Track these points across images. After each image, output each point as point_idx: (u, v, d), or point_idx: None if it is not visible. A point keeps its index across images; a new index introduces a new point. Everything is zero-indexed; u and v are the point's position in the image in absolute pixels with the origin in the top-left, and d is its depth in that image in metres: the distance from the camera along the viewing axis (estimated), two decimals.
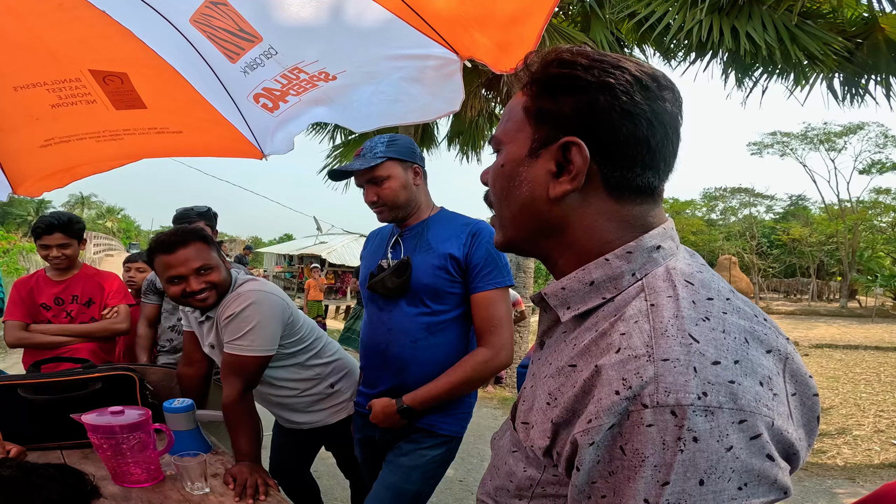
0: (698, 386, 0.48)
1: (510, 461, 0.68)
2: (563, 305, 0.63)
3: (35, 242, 2.49)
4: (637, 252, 0.59)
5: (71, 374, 1.78)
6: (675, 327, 0.51)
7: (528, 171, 0.62)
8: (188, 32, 1.47)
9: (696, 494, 0.47)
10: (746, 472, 0.48)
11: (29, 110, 1.69)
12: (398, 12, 1.29)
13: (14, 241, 18.60)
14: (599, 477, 0.51)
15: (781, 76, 5.55)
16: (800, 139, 25.32)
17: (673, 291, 0.55)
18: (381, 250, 1.72)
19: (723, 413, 0.47)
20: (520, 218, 0.65)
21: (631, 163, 0.58)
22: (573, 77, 0.58)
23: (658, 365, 0.49)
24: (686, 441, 0.47)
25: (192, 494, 1.45)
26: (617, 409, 0.49)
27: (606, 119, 0.57)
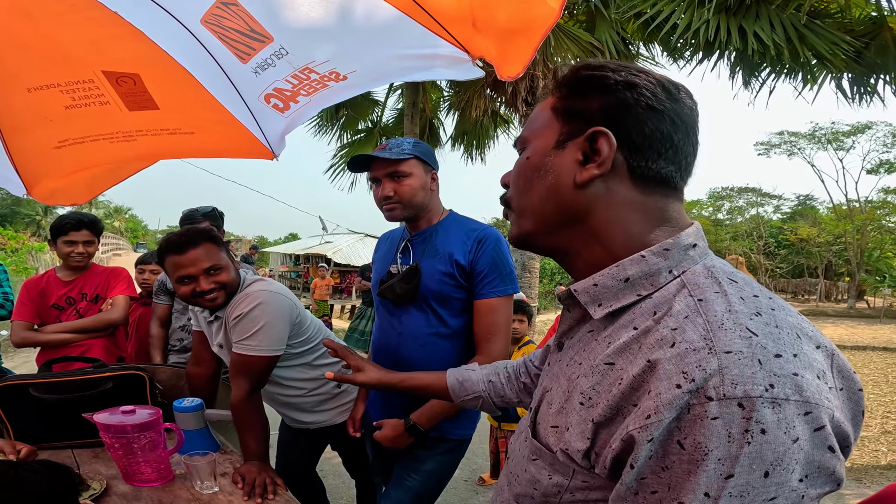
0: (765, 378, 0.47)
1: (531, 469, 0.67)
2: (594, 302, 0.62)
3: (58, 238, 2.50)
4: (674, 249, 0.59)
5: (82, 374, 1.79)
6: (732, 321, 0.51)
7: (554, 161, 0.64)
8: (199, 33, 1.47)
9: (759, 486, 0.47)
10: (809, 464, 0.48)
11: (43, 112, 1.69)
12: (409, 12, 1.28)
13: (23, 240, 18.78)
14: (650, 473, 0.50)
15: (790, 76, 5.52)
16: (808, 139, 25.14)
17: (719, 287, 0.55)
18: (391, 254, 1.71)
19: (789, 405, 0.47)
20: (544, 206, 0.65)
21: (655, 155, 0.60)
22: (603, 77, 0.62)
23: (721, 357, 0.49)
24: (754, 433, 0.46)
25: (202, 493, 1.46)
26: (678, 402, 0.48)
27: (633, 113, 0.60)
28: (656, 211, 0.61)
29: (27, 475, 0.75)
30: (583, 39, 6.16)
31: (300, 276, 21.27)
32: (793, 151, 25.89)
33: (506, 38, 1.26)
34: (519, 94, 6.67)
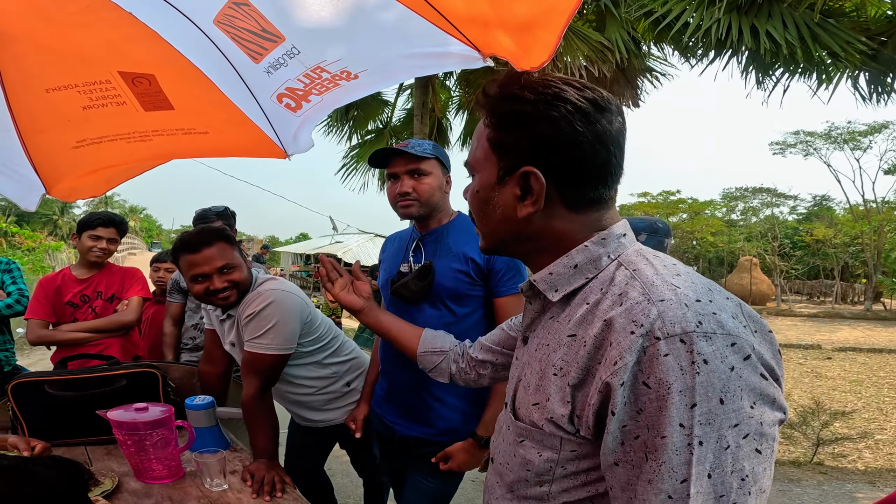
0: (694, 317, 0.57)
1: (520, 452, 0.73)
2: (551, 288, 0.72)
3: (84, 232, 2.56)
4: (609, 238, 0.71)
5: (97, 371, 1.81)
6: (660, 279, 0.62)
7: (498, 196, 0.74)
8: (212, 33, 1.49)
9: (720, 413, 0.54)
10: (752, 391, 0.56)
11: (61, 112, 1.72)
12: (419, 10, 1.28)
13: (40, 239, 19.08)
14: (629, 419, 0.58)
15: (804, 75, 5.44)
16: (823, 138, 24.75)
17: (647, 261, 0.67)
18: (400, 254, 1.72)
19: (718, 337, 0.56)
20: (498, 232, 0.77)
21: (581, 182, 0.69)
22: (522, 113, 0.68)
23: (657, 304, 0.59)
24: (699, 364, 0.55)
25: (211, 491, 1.47)
26: (635, 346, 0.57)
27: (554, 148, 0.68)
28: (591, 222, 0.72)
29: (39, 469, 0.76)
30: (592, 39, 6.13)
31: (310, 275, 21.41)
32: (808, 151, 25.50)
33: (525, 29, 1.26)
34: None
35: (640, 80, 7.19)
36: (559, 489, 0.69)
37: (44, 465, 0.81)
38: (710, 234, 27.05)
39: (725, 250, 28.18)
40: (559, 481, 0.69)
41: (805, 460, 4.68)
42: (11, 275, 2.76)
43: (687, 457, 0.54)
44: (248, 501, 1.43)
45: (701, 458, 0.54)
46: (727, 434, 0.55)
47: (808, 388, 8.21)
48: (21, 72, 1.64)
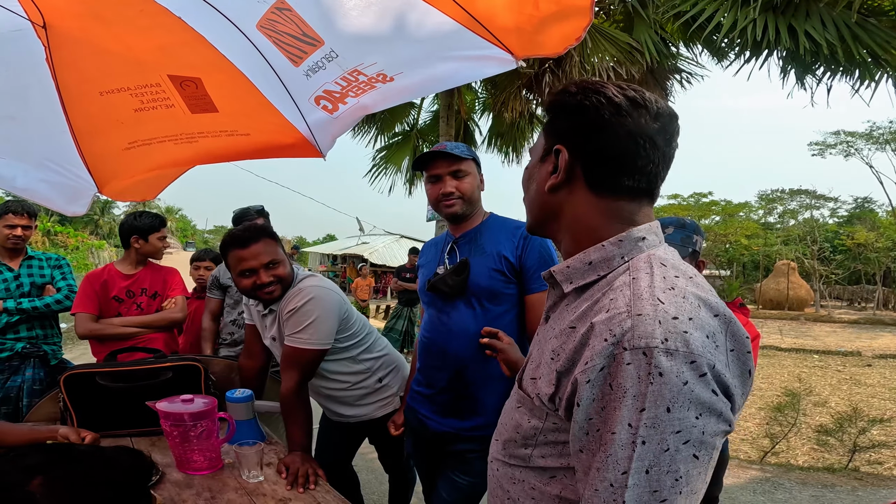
0: (662, 334, 0.63)
1: (516, 416, 0.83)
2: (567, 280, 0.79)
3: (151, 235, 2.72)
4: (626, 241, 0.75)
5: (145, 364, 1.87)
6: (648, 293, 0.67)
7: (537, 172, 0.84)
8: (255, 38, 1.54)
9: (665, 419, 0.61)
10: (699, 404, 0.62)
11: (114, 114, 1.80)
12: (455, 16, 1.30)
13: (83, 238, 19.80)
14: (594, 413, 0.66)
15: (845, 75, 5.25)
16: (865, 138, 23.78)
17: (650, 270, 0.71)
18: (437, 258, 1.77)
19: (679, 355, 0.62)
20: (532, 205, 0.86)
21: (603, 165, 0.76)
22: (563, 102, 0.79)
23: (634, 318, 0.65)
24: (654, 375, 0.61)
25: (248, 482, 1.50)
26: (605, 352, 0.65)
27: (581, 130, 0.76)
28: (611, 211, 0.77)
29: (113, 455, 0.81)
30: (620, 40, 6.05)
31: (337, 275, 21.67)
32: (849, 152, 24.52)
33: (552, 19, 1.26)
34: None
35: (670, 81, 7.06)
36: (539, 454, 0.79)
37: (115, 451, 0.85)
38: (745, 237, 26.26)
39: (761, 254, 27.31)
40: (540, 447, 0.79)
41: (840, 467, 4.53)
42: (62, 271, 2.88)
43: (629, 452, 0.62)
44: (282, 492, 1.46)
45: (641, 456, 0.62)
46: (669, 438, 0.62)
47: (847, 394, 7.91)
48: (77, 75, 1.71)
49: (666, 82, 7.00)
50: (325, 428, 2.17)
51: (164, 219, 2.81)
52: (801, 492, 3.75)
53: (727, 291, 21.27)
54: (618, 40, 6.06)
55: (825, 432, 5.15)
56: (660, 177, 0.77)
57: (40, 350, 2.73)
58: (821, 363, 10.67)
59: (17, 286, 2.73)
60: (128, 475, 0.78)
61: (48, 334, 2.80)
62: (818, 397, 7.50)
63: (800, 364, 10.48)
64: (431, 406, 1.72)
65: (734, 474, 4.01)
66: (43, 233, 17.77)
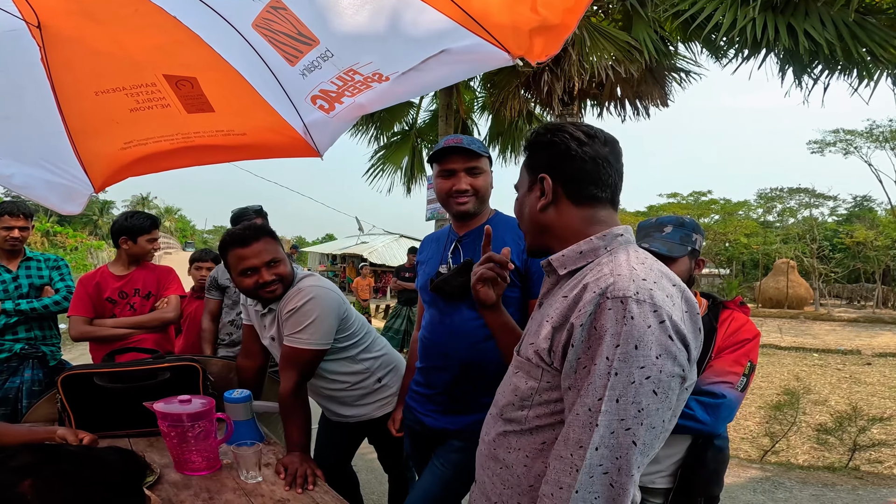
0: (634, 288, 0.83)
1: (514, 380, 1.01)
2: (562, 266, 1.00)
3: (138, 237, 2.69)
4: (608, 235, 0.98)
5: (143, 364, 1.87)
6: (626, 263, 0.89)
7: (528, 200, 1.06)
8: (251, 37, 1.53)
9: (633, 355, 0.80)
10: (659, 345, 0.81)
11: (109, 114, 1.79)
12: (450, 14, 1.30)
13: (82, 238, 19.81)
14: (582, 353, 0.85)
15: (844, 73, 5.26)
16: (865, 137, 23.77)
17: (626, 252, 0.94)
18: (438, 255, 1.74)
19: (645, 304, 0.82)
20: (528, 227, 1.08)
21: (577, 181, 1.00)
22: (538, 142, 1.05)
23: (615, 277, 0.86)
24: (627, 318, 0.81)
25: (246, 483, 1.50)
26: (594, 301, 0.85)
27: (557, 160, 1.01)
28: (589, 217, 1.00)
29: (104, 455, 0.81)
30: (619, 39, 6.05)
31: (336, 275, 21.66)
32: (849, 150, 24.53)
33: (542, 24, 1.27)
34: (555, 94, 6.56)
35: (669, 80, 7.06)
36: (534, 415, 0.96)
37: (108, 451, 0.85)
38: (744, 236, 26.26)
39: (760, 252, 27.31)
40: (535, 408, 0.95)
41: (840, 465, 4.53)
42: (60, 272, 2.88)
43: (605, 381, 0.80)
44: (281, 493, 1.46)
45: (614, 385, 0.80)
46: (635, 372, 0.80)
47: (846, 393, 7.91)
48: (72, 74, 1.71)
49: (664, 81, 7.00)
50: (324, 428, 2.17)
51: (156, 220, 2.77)
52: (802, 491, 3.75)
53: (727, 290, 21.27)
54: (617, 39, 6.06)
55: (825, 431, 5.15)
56: (618, 187, 1.02)
57: (39, 351, 2.73)
58: (820, 362, 10.67)
59: (15, 287, 2.72)
60: (120, 475, 0.78)
61: (47, 335, 2.80)
62: (818, 396, 7.50)
63: (799, 363, 10.48)
64: (431, 405, 1.71)
65: (734, 473, 4.00)
66: (42, 233, 17.78)
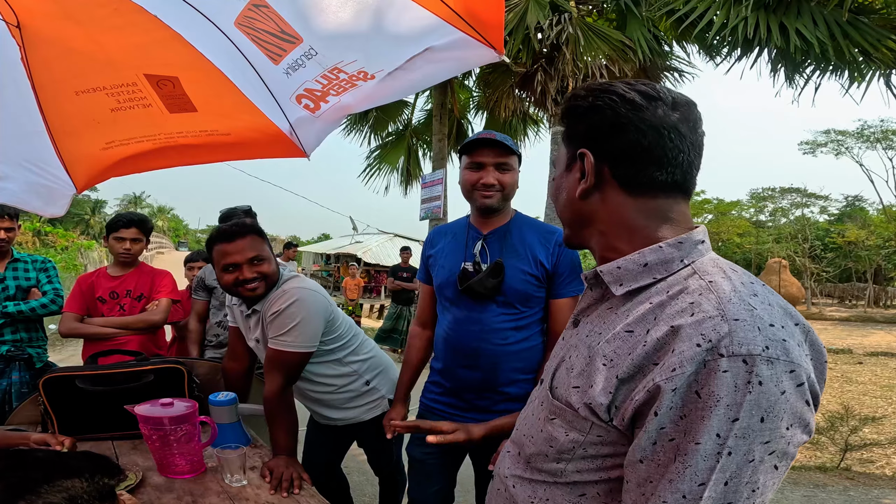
0: (763, 341, 0.59)
1: (548, 429, 0.77)
2: (616, 282, 0.74)
3: (110, 235, 2.69)
4: (687, 243, 0.72)
5: (125, 367, 1.85)
6: (737, 298, 0.63)
7: (565, 181, 0.81)
8: (233, 35, 1.51)
9: (756, 429, 0.58)
10: (792, 414, 0.60)
11: (90, 114, 1.77)
12: (434, 10, 1.28)
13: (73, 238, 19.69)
14: (669, 422, 0.61)
15: (835, 73, 5.29)
16: (856, 137, 23.98)
17: (724, 274, 0.68)
18: (459, 251, 1.72)
19: (779, 363, 0.59)
20: (565, 215, 0.83)
21: (629, 161, 0.72)
22: (576, 107, 0.77)
23: (731, 323, 0.60)
24: (754, 384, 0.58)
25: (231, 486, 1.48)
26: (697, 358, 0.60)
27: (601, 131, 0.74)
28: (649, 211, 0.73)
29: (72, 461, 0.79)
30: (613, 38, 6.06)
31: (331, 275, 21.63)
32: (840, 150, 24.73)
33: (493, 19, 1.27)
34: (548, 94, 6.57)
35: (663, 79, 7.08)
36: (574, 469, 0.74)
37: (76, 458, 0.83)
38: (737, 235, 26.42)
39: (753, 252, 27.49)
40: (576, 461, 0.74)
41: (832, 466, 4.55)
42: (47, 274, 2.85)
43: (712, 463, 0.59)
44: (266, 497, 1.44)
45: (724, 467, 0.59)
46: (756, 448, 0.59)
47: (838, 393, 7.96)
48: (52, 74, 1.69)
49: (658, 80, 7.02)
50: (312, 431, 2.16)
51: (130, 220, 2.69)
52: (793, 492, 3.76)
53: None
54: (610, 38, 6.07)
55: (817, 431, 5.18)
56: (693, 166, 0.74)
57: (25, 353, 2.70)
58: None
59: (2, 289, 2.70)
60: (88, 482, 0.76)
61: (33, 337, 2.77)
62: None
63: None
64: (457, 402, 1.72)
65: None
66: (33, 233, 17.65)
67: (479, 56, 1.31)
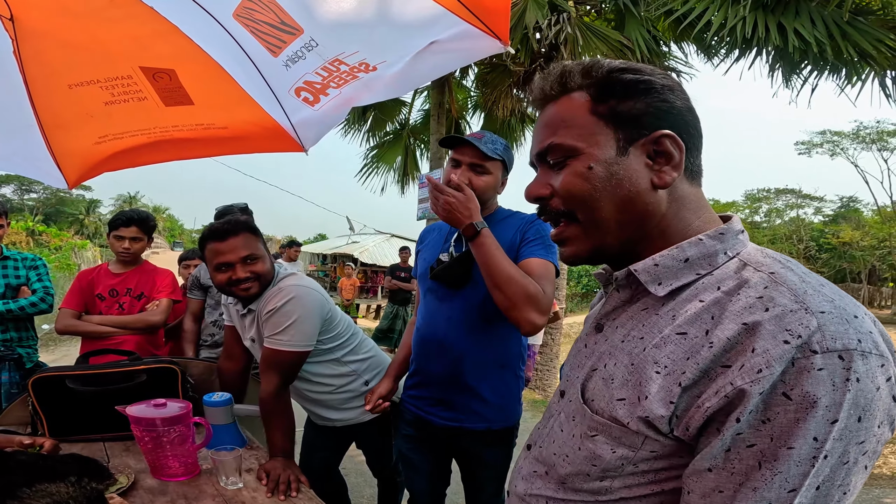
0: (854, 334, 0.54)
1: (589, 446, 0.68)
2: (654, 281, 0.67)
3: (110, 233, 2.65)
4: (728, 234, 0.66)
5: (117, 367, 1.81)
6: (811, 289, 0.58)
7: (624, 169, 0.67)
8: (231, 27, 1.48)
9: (854, 430, 0.54)
10: (884, 411, 0.55)
11: (84, 108, 1.74)
12: (441, 0, 1.25)
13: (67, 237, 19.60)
14: (748, 427, 0.55)
15: (832, 73, 5.31)
16: (851, 138, 24.16)
17: (781, 265, 0.62)
18: (439, 244, 1.73)
19: (872, 357, 0.54)
20: (623, 214, 0.68)
21: (696, 150, 0.68)
22: (647, 81, 0.67)
23: (818, 316, 0.55)
24: (852, 382, 0.53)
25: (226, 489, 1.46)
26: (787, 356, 0.54)
27: (678, 114, 0.67)
28: (698, 201, 0.69)
29: (57, 465, 0.76)
30: (612, 38, 6.06)
31: (327, 275, 21.58)
32: (835, 151, 24.91)
33: None
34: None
35: None
36: (621, 485, 0.67)
37: (63, 461, 0.80)
38: None
39: None
40: (625, 478, 0.67)
41: None
42: (38, 272, 2.80)
43: (807, 469, 0.54)
44: (262, 500, 1.41)
45: (819, 471, 0.54)
46: (851, 450, 0.55)
47: None
48: (44, 67, 1.65)
49: None
50: (310, 432, 2.13)
51: (130, 218, 2.65)
52: None
53: None
54: (609, 38, 6.06)
55: None
56: None
57: (15, 353, 2.65)
58: None
59: None
60: (76, 485, 0.73)
61: (23, 337, 2.73)
62: None
63: None
64: (431, 401, 1.70)
65: None
66: (27, 232, 17.55)
67: (484, 47, 1.28)
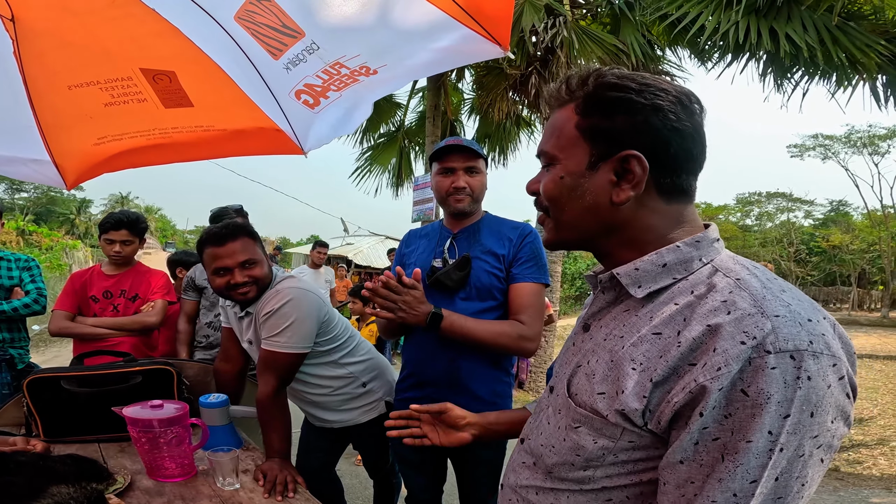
0: (807, 336, 0.59)
1: (573, 437, 0.74)
2: (634, 284, 0.72)
3: (101, 236, 2.63)
4: (704, 242, 0.71)
5: (113, 368, 1.81)
6: (770, 294, 0.63)
7: (589, 182, 0.72)
8: (233, 30, 1.48)
9: (807, 424, 0.58)
10: (836, 407, 0.60)
11: (83, 109, 1.73)
12: (442, 5, 1.26)
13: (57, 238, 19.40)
14: (713, 421, 0.60)
15: (823, 78, 5.36)
16: (842, 142, 24.39)
17: (748, 272, 0.67)
18: (430, 250, 1.77)
19: (824, 357, 0.59)
20: (582, 222, 0.75)
21: (678, 170, 0.70)
22: (629, 101, 0.69)
23: (773, 320, 0.60)
24: (803, 380, 0.58)
25: (223, 490, 1.46)
26: (743, 356, 0.59)
27: (659, 135, 0.68)
28: (677, 214, 0.72)
29: (57, 466, 0.76)
30: (607, 42, 6.09)
31: None
32: (827, 155, 25.13)
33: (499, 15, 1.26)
34: (542, 97, 6.57)
35: None
36: (603, 474, 0.72)
37: (62, 461, 0.80)
38: (724, 239, 26.69)
39: (741, 255, 27.83)
40: (606, 468, 0.72)
41: None
42: (31, 273, 2.78)
43: (764, 461, 0.59)
44: (259, 501, 1.42)
45: (776, 463, 0.59)
46: (806, 444, 0.59)
47: None
48: (44, 68, 1.64)
49: None
50: (306, 433, 2.12)
51: (119, 221, 2.62)
52: None
53: None
54: (604, 42, 6.10)
55: None
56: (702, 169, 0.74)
57: (6, 354, 2.63)
58: None
59: None
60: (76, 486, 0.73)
61: (15, 338, 2.70)
62: None
63: None
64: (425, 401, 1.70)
65: None
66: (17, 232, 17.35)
67: (483, 51, 1.30)
